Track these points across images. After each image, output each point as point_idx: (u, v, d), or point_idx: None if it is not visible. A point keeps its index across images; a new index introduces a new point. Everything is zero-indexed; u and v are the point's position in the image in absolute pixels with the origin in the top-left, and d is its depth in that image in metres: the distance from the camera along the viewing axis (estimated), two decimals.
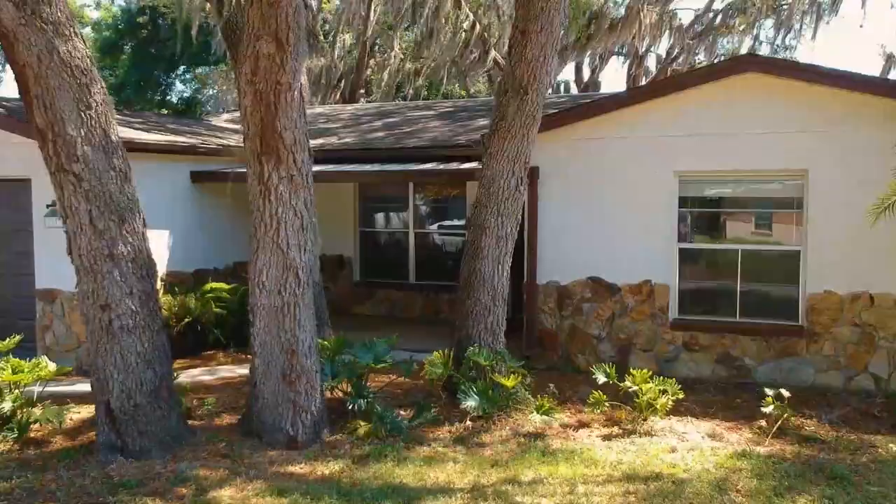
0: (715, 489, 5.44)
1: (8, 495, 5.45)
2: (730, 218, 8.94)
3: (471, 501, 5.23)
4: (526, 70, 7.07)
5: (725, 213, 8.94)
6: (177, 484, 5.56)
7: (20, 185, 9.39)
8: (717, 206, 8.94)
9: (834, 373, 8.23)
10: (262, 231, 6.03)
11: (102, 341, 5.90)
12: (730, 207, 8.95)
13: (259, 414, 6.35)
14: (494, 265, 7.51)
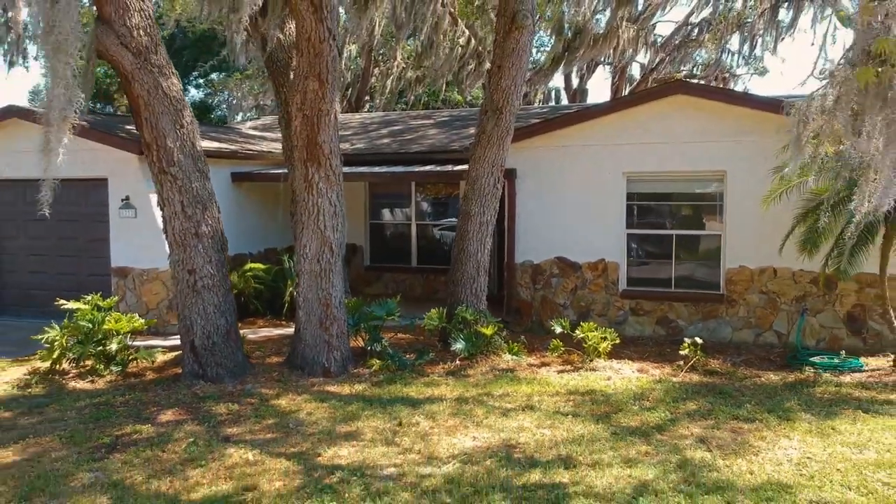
0: (632, 398, 7.54)
1: (125, 405, 7.53)
2: (666, 209, 11.01)
3: (456, 404, 7.32)
4: (501, 96, 9.17)
5: (663, 205, 11.00)
6: (245, 397, 7.66)
7: (99, 183, 11.47)
8: (657, 199, 11.00)
9: (747, 331, 10.31)
10: (306, 216, 8.11)
11: (189, 297, 7.99)
12: (666, 201, 11.01)
13: (301, 352, 8.45)
14: (478, 244, 9.61)
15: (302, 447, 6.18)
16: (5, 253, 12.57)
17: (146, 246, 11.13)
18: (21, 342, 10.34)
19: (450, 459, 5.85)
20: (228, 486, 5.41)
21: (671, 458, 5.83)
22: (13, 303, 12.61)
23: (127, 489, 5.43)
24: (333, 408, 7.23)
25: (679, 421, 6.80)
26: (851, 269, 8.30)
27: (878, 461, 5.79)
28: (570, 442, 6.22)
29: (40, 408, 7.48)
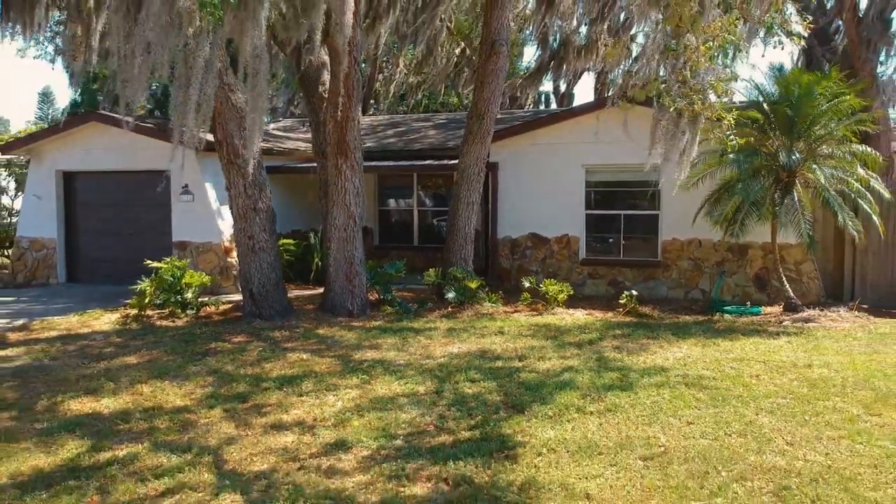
0: (576, 328, 10.08)
1: (204, 334, 10.03)
2: (616, 194, 13.49)
3: (447, 332, 9.84)
4: (483, 105, 11.69)
5: (614, 190, 13.50)
6: (292, 329, 10.18)
7: (163, 174, 13.96)
8: (609, 186, 13.49)
9: (678, 289, 12.83)
10: (336, 196, 10.62)
11: (248, 256, 10.50)
12: (616, 188, 13.50)
13: (331, 299, 10.96)
14: (465, 220, 12.13)
15: (339, 352, 8.71)
16: (81, 232, 15.09)
17: (201, 224, 13.64)
18: (104, 298, 12.87)
19: (442, 356, 8.39)
20: (294, 370, 7.94)
21: (592, 356, 8.37)
22: (85, 272, 15.11)
23: (223, 374, 7.96)
24: (358, 333, 9.76)
25: (605, 339, 9.34)
26: (742, 236, 10.83)
27: (735, 357, 8.32)
28: (525, 348, 8.75)
29: (141, 336, 10.00)
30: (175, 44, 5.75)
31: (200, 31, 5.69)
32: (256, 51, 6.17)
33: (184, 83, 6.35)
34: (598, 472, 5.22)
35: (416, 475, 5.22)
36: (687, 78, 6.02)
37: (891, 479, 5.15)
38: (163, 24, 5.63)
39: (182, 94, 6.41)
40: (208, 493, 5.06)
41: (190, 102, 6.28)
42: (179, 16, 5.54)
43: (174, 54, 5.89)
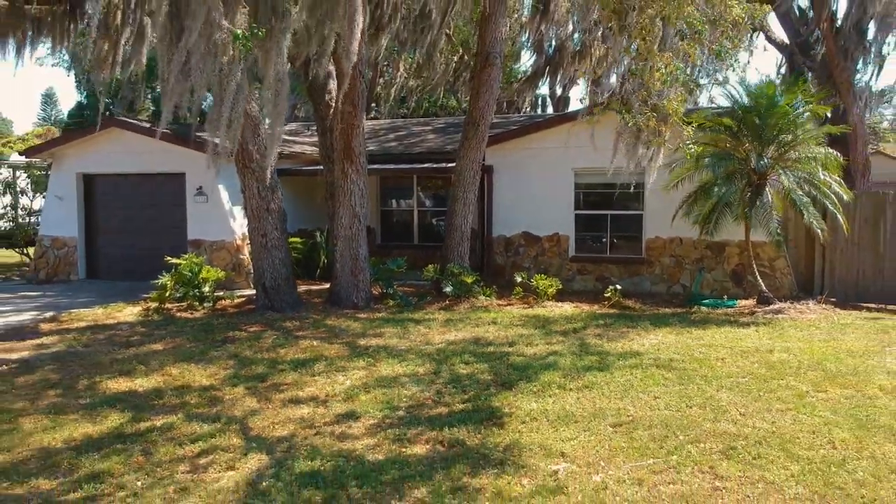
0: (563, 319, 10.88)
1: (221, 324, 10.83)
2: (603, 195, 14.29)
3: (445, 322, 10.64)
4: (478, 113, 12.49)
5: (601, 192, 14.29)
6: (303, 320, 10.97)
7: (179, 176, 14.78)
8: (596, 188, 14.29)
9: (661, 284, 13.63)
10: (342, 197, 11.42)
11: (262, 253, 11.30)
12: (603, 189, 14.29)
13: (337, 293, 11.76)
14: (462, 219, 12.94)
15: (346, 340, 9.52)
16: (100, 231, 15.89)
17: (215, 223, 14.45)
18: (124, 293, 13.67)
19: (439, 343, 9.20)
20: (306, 355, 8.75)
21: (575, 343, 9.18)
22: (105, 269, 15.92)
23: (242, 358, 8.76)
24: (363, 323, 10.57)
25: (588, 328, 10.15)
26: (717, 235, 11.64)
27: (704, 343, 9.13)
28: (515, 336, 9.56)
29: (163, 326, 10.80)
30: (212, 69, 6.54)
31: (233, 59, 6.47)
32: (279, 75, 6.98)
33: (218, 103, 7.15)
34: (573, 436, 6.03)
35: (416, 439, 6.03)
36: (646, 97, 6.80)
37: (825, 441, 5.95)
38: (202, 53, 6.42)
39: (217, 112, 7.22)
40: (238, 453, 5.87)
41: (223, 119, 7.07)
42: (216, 46, 6.30)
43: (210, 78, 6.68)
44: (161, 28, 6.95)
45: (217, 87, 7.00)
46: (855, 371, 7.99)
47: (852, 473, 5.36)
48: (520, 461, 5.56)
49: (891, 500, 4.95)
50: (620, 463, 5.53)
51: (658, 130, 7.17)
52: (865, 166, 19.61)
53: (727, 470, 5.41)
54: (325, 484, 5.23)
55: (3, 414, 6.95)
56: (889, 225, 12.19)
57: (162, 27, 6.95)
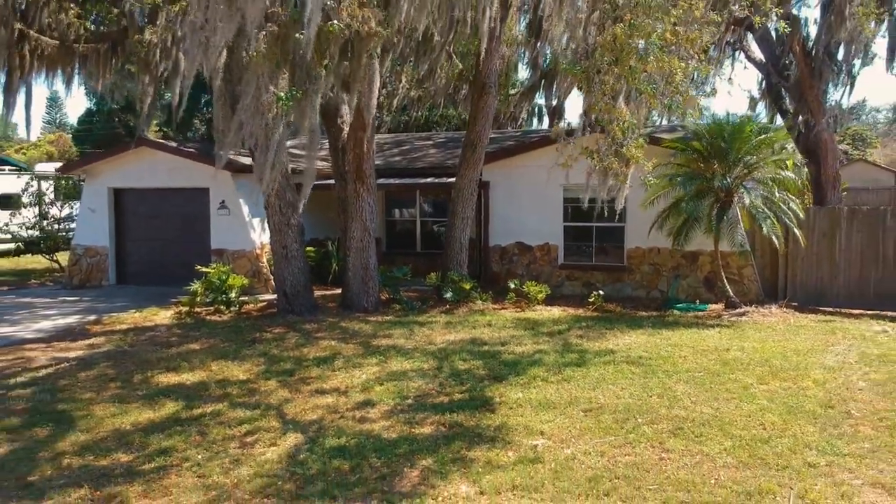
0: (550, 321, 12.15)
1: (248, 326, 12.09)
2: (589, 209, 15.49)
3: (446, 324, 11.91)
4: (475, 136, 13.76)
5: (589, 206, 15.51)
6: (320, 322, 12.24)
7: (203, 191, 16.03)
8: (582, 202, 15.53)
9: (641, 290, 14.90)
10: (354, 213, 12.68)
11: (282, 262, 12.56)
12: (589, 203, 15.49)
13: (349, 298, 13.03)
14: (461, 232, 14.21)
15: (360, 340, 10.79)
16: (129, 241, 17.16)
17: (236, 234, 15.72)
18: (155, 297, 14.93)
19: (441, 343, 10.48)
20: (326, 353, 10.02)
21: (559, 342, 10.45)
22: (133, 276, 17.18)
23: (271, 356, 10.03)
24: (373, 326, 11.85)
25: (572, 329, 11.43)
26: (686, 245, 12.92)
27: (671, 343, 10.40)
28: (507, 337, 10.84)
29: (196, 328, 12.07)
30: (259, 124, 7.77)
31: (276, 115, 7.69)
32: (312, 127, 8.23)
33: (263, 150, 8.41)
34: (551, 419, 7.30)
35: (423, 421, 7.30)
36: (611, 143, 8.03)
37: (757, 423, 7.22)
38: (251, 112, 7.65)
39: (262, 157, 8.49)
40: (278, 433, 7.14)
41: (267, 164, 8.33)
42: (262, 105, 7.53)
43: (258, 131, 7.93)
44: (217, 91, 8.17)
45: (263, 138, 8.25)
46: (796, 367, 9.26)
47: (774, 448, 6.63)
48: (507, 438, 6.83)
49: (800, 467, 6.21)
50: (588, 440, 6.80)
51: (621, 171, 8.40)
52: (836, 178, 20.90)
53: (673, 445, 6.68)
54: (350, 456, 6.50)
55: (77, 403, 8.22)
56: (843, 238, 13.45)
57: (218, 90, 8.17)
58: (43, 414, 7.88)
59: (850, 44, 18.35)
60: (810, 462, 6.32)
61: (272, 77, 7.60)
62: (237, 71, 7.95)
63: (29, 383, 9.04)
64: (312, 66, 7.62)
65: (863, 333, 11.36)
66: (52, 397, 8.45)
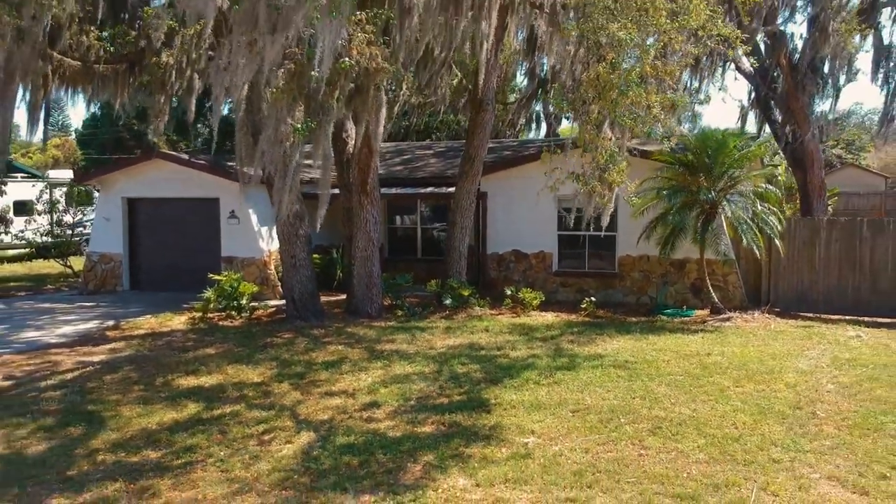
0: (544, 326, 12.80)
1: (259, 331, 12.73)
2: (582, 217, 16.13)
3: (445, 330, 12.55)
4: (473, 151, 14.41)
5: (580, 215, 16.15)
6: (327, 328, 12.88)
7: (213, 202, 16.67)
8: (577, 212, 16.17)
9: (632, 295, 15.54)
10: (359, 224, 13.33)
11: (291, 271, 13.21)
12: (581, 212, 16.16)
13: (355, 305, 13.68)
14: (460, 241, 14.86)
15: (365, 345, 11.44)
16: (142, 248, 17.80)
17: (246, 242, 16.36)
18: (168, 303, 15.55)
19: (441, 347, 11.12)
20: (333, 357, 10.66)
21: (552, 347, 11.10)
22: (146, 282, 17.81)
23: (282, 360, 10.66)
24: (377, 331, 12.49)
25: (564, 335, 12.07)
26: (672, 254, 13.57)
27: (656, 348, 11.04)
28: (503, 342, 11.49)
29: (210, 333, 12.71)
30: (278, 152, 8.41)
31: (293, 144, 8.33)
32: (326, 153, 8.90)
33: (281, 176, 9.08)
34: (542, 419, 7.95)
35: (424, 421, 7.95)
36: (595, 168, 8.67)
37: (729, 423, 7.86)
38: (271, 142, 8.30)
39: (280, 182, 9.17)
40: (292, 432, 7.78)
41: (286, 188, 9.00)
42: (281, 135, 8.16)
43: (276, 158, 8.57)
44: (240, 121, 8.82)
45: (281, 165, 8.94)
46: (771, 370, 9.91)
47: (743, 445, 7.27)
48: (501, 437, 7.48)
49: (765, 462, 6.85)
50: (574, 438, 7.45)
51: (605, 193, 9.02)
52: (821, 186, 21.58)
53: (651, 443, 7.32)
54: (359, 452, 7.14)
55: (105, 404, 8.87)
56: (822, 246, 14.10)
57: (240, 120, 8.81)
58: (75, 414, 8.52)
59: (834, 59, 19.02)
60: (775, 458, 6.96)
61: (289, 109, 8.26)
62: (256, 102, 8.60)
63: (59, 386, 9.68)
64: (325, 100, 8.28)
65: (837, 338, 12.01)
66: (82, 399, 9.09)
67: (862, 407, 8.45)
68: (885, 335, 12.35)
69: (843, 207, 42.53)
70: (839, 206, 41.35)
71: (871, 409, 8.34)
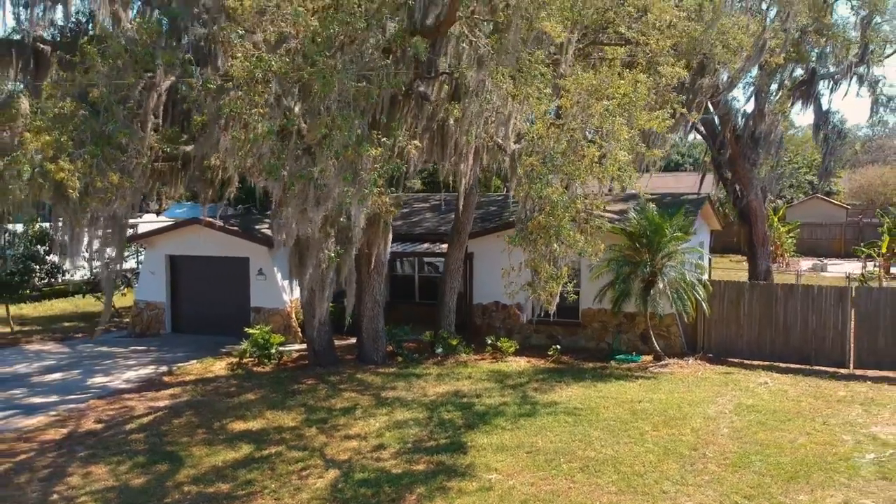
0: (516, 373, 15.56)
1: (286, 377, 15.47)
2: None
3: (437, 377, 15.30)
4: (461, 225, 17.20)
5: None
6: (341, 374, 15.61)
7: (244, 260, 19.43)
8: None
9: (592, 342, 18.30)
10: (367, 289, 16.07)
11: (311, 324, 15.94)
12: None
13: (364, 353, 16.43)
14: (449, 298, 17.64)
15: (373, 392, 14.19)
16: (183, 298, 20.54)
17: (271, 295, 19.11)
18: (207, 346, 18.27)
19: (433, 395, 13.87)
20: (348, 404, 13.41)
21: (519, 395, 13.85)
22: (185, 326, 20.53)
23: (309, 406, 13.39)
24: (382, 378, 15.24)
25: (531, 382, 14.83)
26: (624, 309, 16.35)
27: (600, 395, 13.79)
28: (481, 389, 14.23)
29: (247, 379, 15.44)
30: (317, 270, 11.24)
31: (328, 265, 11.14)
32: (350, 273, 11.80)
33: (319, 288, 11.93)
34: (503, 459, 10.69)
35: (418, 460, 10.69)
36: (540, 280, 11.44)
37: (639, 462, 10.60)
38: (314, 265, 11.14)
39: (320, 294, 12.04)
40: (322, 469, 10.52)
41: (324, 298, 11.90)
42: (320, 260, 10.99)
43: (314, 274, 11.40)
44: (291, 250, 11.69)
45: (319, 282, 11.80)
46: (684, 416, 12.66)
47: (644, 480, 10.02)
48: (472, 473, 10.23)
49: (657, 493, 9.60)
50: (526, 474, 10.20)
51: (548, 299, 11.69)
52: (764, 238, 24.41)
53: (579, 478, 10.07)
54: (371, 485, 9.89)
55: (179, 445, 11.60)
56: (746, 305, 16.87)
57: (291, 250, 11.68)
58: (158, 454, 11.25)
59: (769, 134, 21.87)
60: (664, 490, 9.72)
61: (324, 243, 11.03)
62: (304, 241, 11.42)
63: (139, 429, 12.41)
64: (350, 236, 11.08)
65: (748, 385, 14.76)
66: (160, 441, 11.83)
67: (742, 448, 11.18)
68: (789, 381, 15.09)
69: (807, 237, 45.42)
70: (803, 236, 44.23)
71: (747, 451, 11.07)
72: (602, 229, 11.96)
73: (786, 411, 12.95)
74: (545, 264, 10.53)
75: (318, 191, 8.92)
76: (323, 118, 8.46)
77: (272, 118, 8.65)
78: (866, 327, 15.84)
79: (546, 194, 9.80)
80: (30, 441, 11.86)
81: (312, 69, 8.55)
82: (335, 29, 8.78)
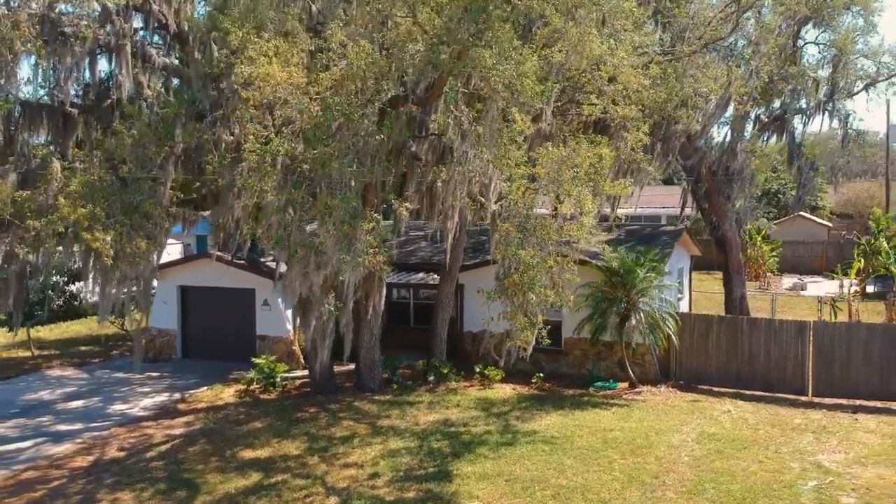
0: (501, 402, 16.82)
1: (290, 405, 16.69)
2: None
3: (428, 404, 16.53)
4: (452, 263, 18.46)
5: None
6: (341, 402, 16.83)
7: (250, 291, 20.66)
8: None
9: (573, 369, 19.53)
10: (364, 324, 17.31)
11: (313, 355, 17.17)
12: None
13: (361, 382, 17.66)
14: (441, 329, 18.90)
15: (369, 421, 15.41)
16: (192, 326, 21.77)
17: (275, 324, 20.36)
18: (215, 372, 19.48)
19: (424, 423, 15.10)
20: (346, 433, 14.63)
21: (502, 424, 15.08)
22: (195, 352, 21.75)
23: (311, 434, 14.61)
24: (378, 406, 16.46)
25: (514, 410, 16.07)
26: (602, 338, 17.62)
27: (576, 424, 15.02)
28: (468, 418, 15.47)
29: (254, 406, 16.66)
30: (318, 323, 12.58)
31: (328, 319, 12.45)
32: (348, 322, 13.06)
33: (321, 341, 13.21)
34: (484, 487, 11.92)
35: (409, 488, 11.92)
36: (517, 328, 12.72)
37: (605, 489, 11.82)
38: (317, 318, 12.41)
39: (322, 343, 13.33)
40: (324, 496, 11.75)
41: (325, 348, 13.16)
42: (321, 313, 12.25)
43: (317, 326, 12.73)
44: (295, 305, 12.91)
45: (321, 334, 13.11)
46: (650, 444, 13.88)
47: None
48: (456, 500, 11.45)
49: None
50: (504, 501, 11.42)
51: (524, 344, 12.96)
52: (739, 267, 25.66)
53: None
54: None
55: (195, 472, 12.82)
56: (714, 336, 18.12)
57: (295, 305, 12.93)
58: (176, 481, 12.46)
59: (742, 171, 23.17)
60: None
61: (325, 299, 12.32)
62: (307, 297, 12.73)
63: (158, 457, 13.62)
64: (348, 292, 12.38)
65: (713, 413, 15.97)
66: (178, 468, 13.04)
67: (698, 476, 12.41)
68: (751, 409, 16.31)
69: (790, 255, 46.66)
70: (786, 254, 45.46)
71: (703, 478, 12.29)
72: (572, 282, 13.18)
73: (743, 439, 14.16)
74: (520, 316, 11.75)
75: (319, 257, 10.18)
76: (322, 197, 9.74)
77: (279, 194, 9.93)
78: (823, 359, 17.08)
79: (520, 256, 11.06)
80: (60, 468, 13.07)
81: (315, 152, 9.82)
82: (334, 114, 10.06)
